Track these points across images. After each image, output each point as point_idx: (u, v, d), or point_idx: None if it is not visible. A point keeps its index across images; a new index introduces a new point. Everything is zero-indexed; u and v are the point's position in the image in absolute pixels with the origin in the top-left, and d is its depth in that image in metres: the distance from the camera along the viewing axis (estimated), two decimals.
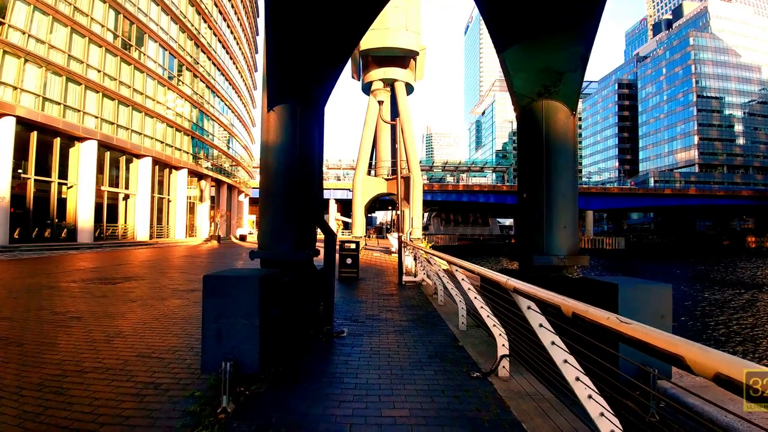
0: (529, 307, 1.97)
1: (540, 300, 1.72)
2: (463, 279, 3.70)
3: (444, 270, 6.12)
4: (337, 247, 10.59)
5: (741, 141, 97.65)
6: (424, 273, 9.47)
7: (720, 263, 45.07)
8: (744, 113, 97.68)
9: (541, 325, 1.96)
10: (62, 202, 23.20)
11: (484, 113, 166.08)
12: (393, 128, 26.32)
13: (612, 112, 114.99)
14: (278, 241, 4.30)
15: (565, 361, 2.16)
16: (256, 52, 59.30)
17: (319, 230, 5.23)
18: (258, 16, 57.93)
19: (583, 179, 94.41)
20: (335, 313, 6.16)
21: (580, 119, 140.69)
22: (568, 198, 4.49)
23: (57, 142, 22.61)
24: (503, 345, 3.55)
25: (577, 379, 2.12)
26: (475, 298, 3.64)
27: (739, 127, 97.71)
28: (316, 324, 4.86)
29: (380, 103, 10.32)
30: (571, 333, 2.27)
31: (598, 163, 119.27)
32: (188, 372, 3.54)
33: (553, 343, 1.97)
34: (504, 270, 6.32)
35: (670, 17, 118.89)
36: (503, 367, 3.54)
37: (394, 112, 25.80)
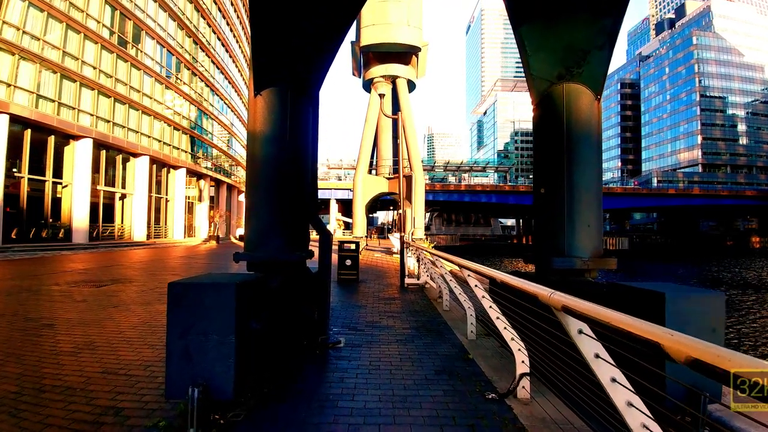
0: (581, 331, 1.48)
1: (607, 325, 1.23)
2: (476, 285, 3.21)
3: (450, 272, 5.62)
4: (336, 247, 10.12)
5: (744, 141, 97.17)
6: (427, 275, 8.97)
7: (724, 263, 44.54)
8: (747, 113, 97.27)
9: (597, 356, 1.47)
10: (57, 202, 22.77)
11: (485, 113, 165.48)
12: (395, 126, 25.80)
13: (614, 112, 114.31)
14: (266, 242, 3.82)
15: (614, 380, 1.67)
16: None
17: (314, 230, 4.74)
18: None
19: None
20: (332, 320, 5.66)
21: None
22: (592, 193, 3.99)
23: (51, 140, 22.16)
24: (523, 362, 3.06)
25: (630, 404, 1.63)
26: (490, 307, 3.14)
27: (742, 127, 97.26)
28: (309, 333, 4.37)
29: (381, 96, 9.85)
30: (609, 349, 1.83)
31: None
32: (157, 394, 3.05)
33: (613, 379, 1.47)
34: (516, 273, 5.82)
35: (673, 16, 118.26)
36: (523, 387, 3.04)
37: (396, 110, 25.30)
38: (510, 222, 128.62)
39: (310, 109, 4.24)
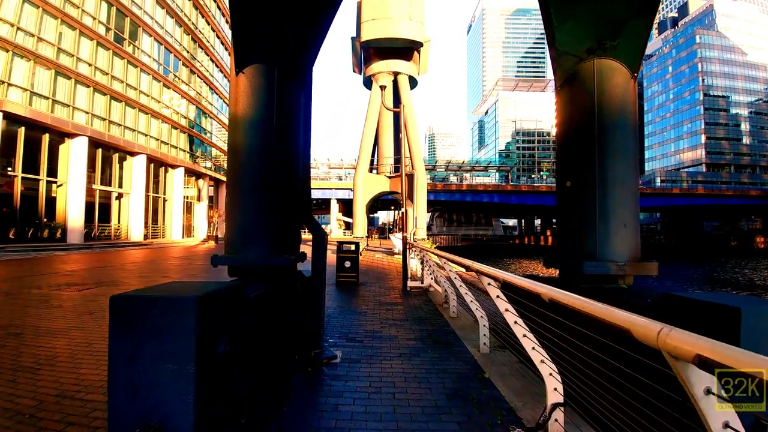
0: (709, 391, 0.93)
1: None
2: (498, 296, 2.68)
3: (458, 275, 5.07)
4: (334, 248, 9.58)
5: (748, 140, 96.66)
6: (431, 278, 8.44)
7: (729, 264, 43.98)
8: (750, 112, 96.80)
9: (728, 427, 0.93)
10: (51, 201, 22.31)
11: (487, 113, 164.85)
12: (396, 124, 25.24)
13: None
14: (249, 243, 3.29)
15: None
16: None
17: (307, 230, 4.20)
18: None
19: None
20: (329, 329, 5.13)
21: None
22: (628, 187, 3.44)
23: (46, 138, 21.70)
24: (555, 389, 2.52)
25: None
26: (515, 323, 2.60)
27: (745, 126, 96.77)
28: (301, 346, 3.84)
29: (382, 88, 9.30)
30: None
31: None
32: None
33: None
34: (532, 276, 5.27)
35: (676, 15, 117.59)
36: (556, 420, 2.50)
37: (397, 106, 24.73)
38: (511, 222, 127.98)
39: (301, 91, 3.71)
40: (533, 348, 2.54)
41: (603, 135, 3.46)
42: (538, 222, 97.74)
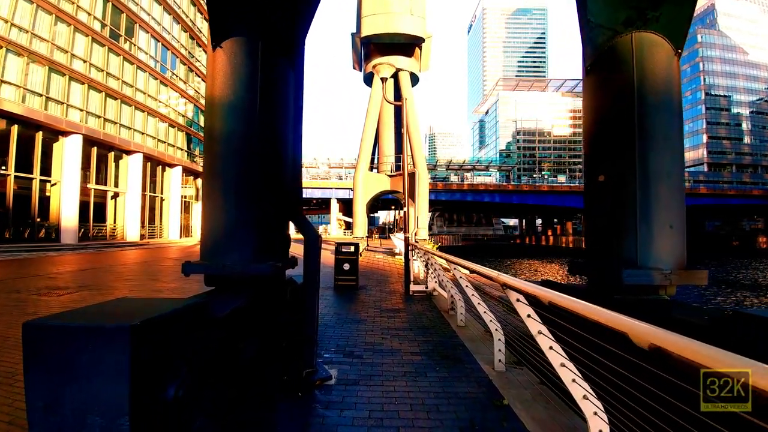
0: None
1: None
2: (529, 316, 2.18)
3: (468, 280, 4.57)
4: (333, 249, 9.09)
5: (750, 140, 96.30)
6: (435, 281, 7.94)
7: (732, 264, 43.53)
8: (752, 112, 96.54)
9: None
10: (45, 201, 21.83)
11: (487, 112, 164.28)
12: (397, 120, 24.69)
13: None
14: (228, 247, 2.80)
15: None
16: None
17: (298, 231, 3.70)
18: None
19: None
20: (324, 340, 4.63)
21: None
22: (674, 181, 2.91)
23: (39, 136, 21.23)
24: (601, 431, 2.01)
25: None
26: (550, 348, 2.10)
27: (747, 126, 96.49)
28: (290, 365, 3.34)
29: (383, 80, 8.81)
30: None
31: None
32: None
33: None
34: (547, 282, 4.79)
35: None
36: None
37: (398, 108, 24.22)
38: (512, 222, 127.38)
39: (290, 70, 3.21)
40: (573, 380, 2.04)
41: (644, 120, 2.94)
42: (539, 222, 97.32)
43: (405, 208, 8.87)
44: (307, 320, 3.38)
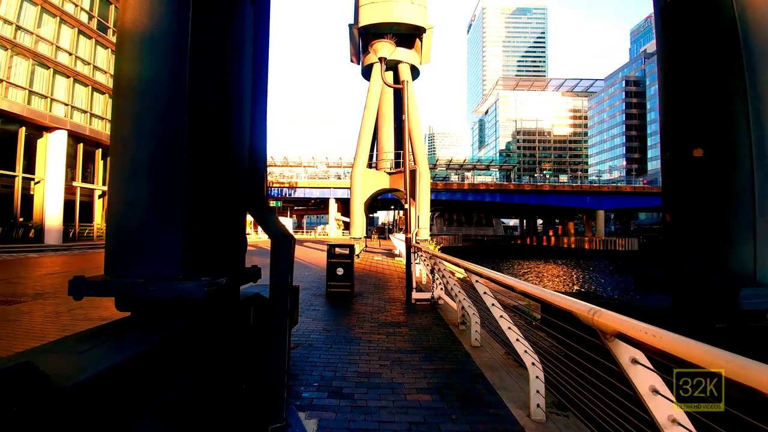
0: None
1: None
2: (636, 362, 1.25)
3: (490, 290, 3.59)
4: (325, 253, 8.11)
5: None
6: (441, 288, 6.98)
7: None
8: None
9: None
10: (28, 199, 20.85)
11: (487, 112, 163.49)
12: (397, 116, 23.67)
13: (619, 110, 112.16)
14: (138, 256, 1.83)
15: None
16: None
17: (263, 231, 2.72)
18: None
19: (592, 178, 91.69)
20: (306, 368, 3.67)
21: (585, 118, 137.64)
22: None
23: (22, 132, 20.26)
24: None
25: None
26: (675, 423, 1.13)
27: None
28: (252, 417, 2.38)
29: (382, 60, 7.84)
30: None
31: (605, 162, 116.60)
32: None
33: None
34: (572, 293, 3.84)
35: None
36: None
37: (399, 101, 23.24)
38: (512, 222, 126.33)
39: (246, 1, 2.25)
40: None
41: (754, 75, 1.96)
42: (539, 222, 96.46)
43: (406, 205, 7.90)
44: (273, 357, 2.41)
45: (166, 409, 1.75)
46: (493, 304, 3.02)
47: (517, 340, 2.83)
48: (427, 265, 7.75)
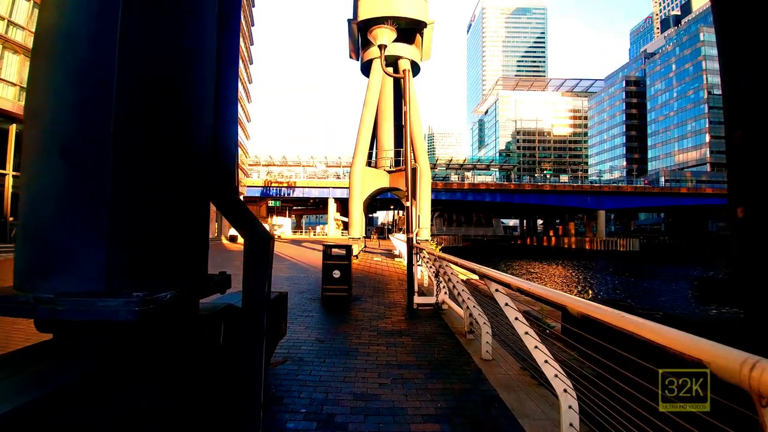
0: None
1: None
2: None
3: (510, 304, 3.11)
4: (320, 254, 7.62)
5: None
6: (444, 290, 6.49)
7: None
8: None
9: None
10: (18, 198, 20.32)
11: (487, 112, 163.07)
12: (397, 113, 23.18)
13: (619, 110, 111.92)
14: (52, 262, 1.36)
15: None
16: (252, 44, 56.49)
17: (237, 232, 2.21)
18: (254, 6, 55.05)
19: (593, 178, 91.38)
20: (293, 389, 3.18)
21: (585, 118, 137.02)
22: None
23: (13, 129, 19.80)
24: None
25: None
26: None
27: None
28: None
29: (381, 47, 7.36)
30: None
31: (605, 162, 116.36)
32: None
33: None
34: (614, 304, 3.37)
35: (678, 13, 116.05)
36: None
37: (399, 99, 22.74)
38: (512, 222, 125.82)
39: None
40: None
41: None
42: (539, 222, 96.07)
43: (407, 204, 7.41)
44: (247, 386, 1.92)
45: None
46: (516, 318, 2.52)
47: (546, 361, 2.34)
48: (431, 267, 7.26)
